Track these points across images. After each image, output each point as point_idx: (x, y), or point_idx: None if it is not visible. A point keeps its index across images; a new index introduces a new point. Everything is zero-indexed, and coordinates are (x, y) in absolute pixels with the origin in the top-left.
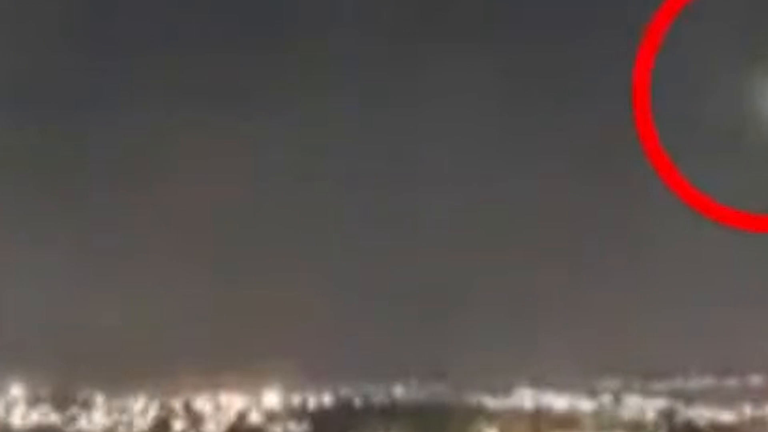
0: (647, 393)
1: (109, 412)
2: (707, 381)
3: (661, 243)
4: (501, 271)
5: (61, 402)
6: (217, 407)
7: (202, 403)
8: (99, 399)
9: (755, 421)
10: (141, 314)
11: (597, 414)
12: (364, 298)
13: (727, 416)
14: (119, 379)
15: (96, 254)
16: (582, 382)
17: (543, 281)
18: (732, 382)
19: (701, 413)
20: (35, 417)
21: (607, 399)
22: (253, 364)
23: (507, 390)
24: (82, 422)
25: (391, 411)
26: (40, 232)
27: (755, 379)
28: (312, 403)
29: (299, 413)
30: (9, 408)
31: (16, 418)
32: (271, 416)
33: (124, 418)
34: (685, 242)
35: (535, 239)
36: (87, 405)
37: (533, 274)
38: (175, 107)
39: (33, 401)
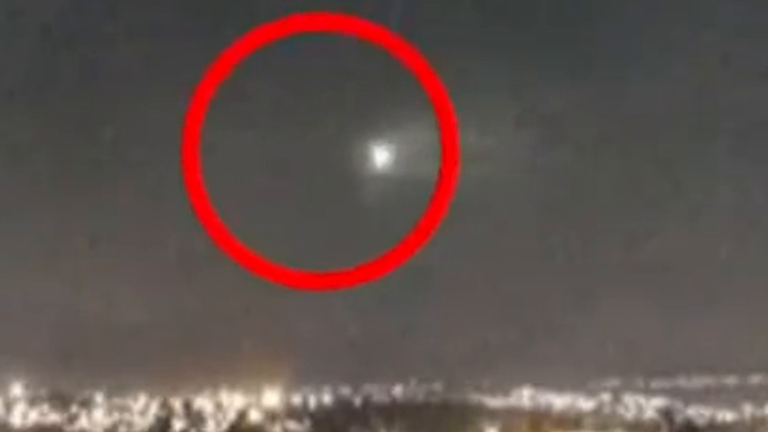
0: (647, 392)
1: (109, 412)
2: (707, 381)
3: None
4: (501, 270)
5: (61, 402)
6: (217, 407)
7: (202, 403)
8: (99, 399)
9: (755, 421)
10: (141, 314)
11: (597, 413)
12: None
13: (727, 416)
14: (119, 378)
15: (97, 253)
16: (582, 381)
17: (543, 279)
18: (732, 381)
19: (701, 412)
20: (35, 416)
21: (606, 398)
22: (253, 364)
23: (507, 390)
24: (82, 422)
25: (391, 411)
26: (41, 232)
27: (755, 379)
28: (312, 402)
29: (299, 413)
30: (9, 407)
31: (16, 418)
32: (271, 415)
33: (124, 417)
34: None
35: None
36: (87, 405)
37: (534, 273)
38: (173, 103)
39: (33, 401)
